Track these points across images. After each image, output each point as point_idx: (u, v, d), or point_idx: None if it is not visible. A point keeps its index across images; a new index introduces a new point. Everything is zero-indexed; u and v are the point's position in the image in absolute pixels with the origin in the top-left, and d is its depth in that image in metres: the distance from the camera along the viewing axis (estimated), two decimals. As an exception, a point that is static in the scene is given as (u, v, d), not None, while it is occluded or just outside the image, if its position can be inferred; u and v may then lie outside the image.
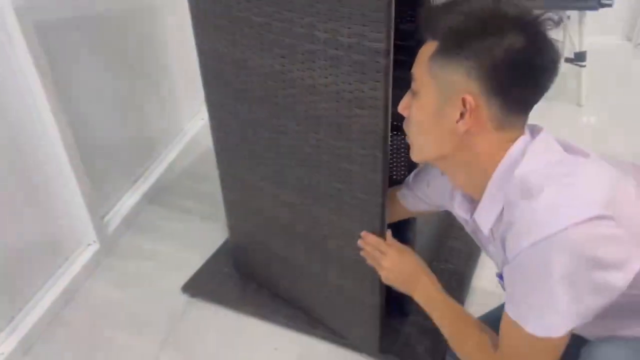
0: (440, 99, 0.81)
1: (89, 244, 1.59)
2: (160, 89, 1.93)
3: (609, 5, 2.01)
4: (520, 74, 0.76)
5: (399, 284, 1.06)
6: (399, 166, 1.34)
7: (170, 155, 1.98)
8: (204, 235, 1.69)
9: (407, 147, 0.93)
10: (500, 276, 0.88)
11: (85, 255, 1.56)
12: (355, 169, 1.04)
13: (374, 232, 1.08)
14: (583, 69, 2.23)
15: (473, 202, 0.90)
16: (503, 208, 0.81)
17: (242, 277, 1.50)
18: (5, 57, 1.26)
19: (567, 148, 0.82)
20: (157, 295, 1.51)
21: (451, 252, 1.54)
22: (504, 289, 0.85)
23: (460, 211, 0.94)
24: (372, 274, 1.12)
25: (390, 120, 0.96)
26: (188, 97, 2.12)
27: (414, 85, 0.86)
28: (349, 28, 0.89)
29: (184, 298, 1.48)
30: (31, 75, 1.31)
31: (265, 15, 1.00)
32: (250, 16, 1.03)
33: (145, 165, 1.89)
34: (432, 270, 1.05)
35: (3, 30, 1.24)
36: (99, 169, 1.63)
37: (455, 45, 0.78)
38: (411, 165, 1.17)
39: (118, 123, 1.73)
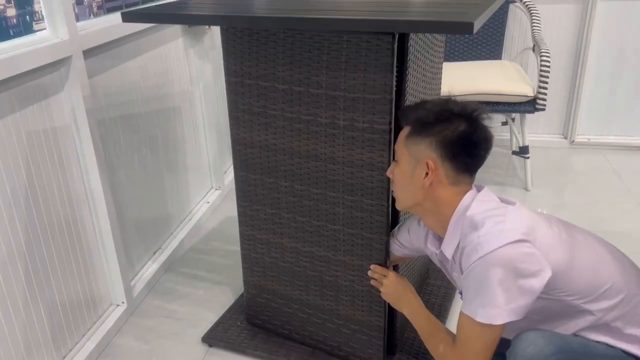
0: (412, 164, 1.20)
1: (117, 305, 1.85)
2: (177, 179, 2.29)
3: (542, 109, 2.49)
4: (463, 147, 1.15)
5: (393, 300, 1.39)
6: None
7: (181, 233, 2.29)
8: (214, 297, 1.97)
9: (394, 200, 1.30)
10: (461, 293, 1.21)
11: (116, 313, 1.82)
12: (366, 215, 1.39)
13: (379, 264, 1.42)
14: (527, 160, 2.67)
15: (440, 239, 1.25)
16: (460, 240, 1.16)
17: (253, 328, 1.76)
18: (72, 144, 1.61)
19: (501, 199, 1.19)
20: (179, 346, 1.75)
21: (432, 289, 1.89)
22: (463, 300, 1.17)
23: (432, 247, 1.28)
24: (378, 300, 1.44)
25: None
26: (196, 186, 2.48)
27: (396, 156, 1.24)
28: (364, 117, 1.29)
29: (203, 348, 1.73)
30: (90, 159, 1.64)
31: (295, 112, 1.39)
32: (283, 113, 1.41)
33: (162, 240, 2.20)
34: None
35: (75, 125, 1.60)
36: (128, 242, 1.93)
37: (421, 129, 1.17)
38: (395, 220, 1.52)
39: (145, 204, 2.05)
